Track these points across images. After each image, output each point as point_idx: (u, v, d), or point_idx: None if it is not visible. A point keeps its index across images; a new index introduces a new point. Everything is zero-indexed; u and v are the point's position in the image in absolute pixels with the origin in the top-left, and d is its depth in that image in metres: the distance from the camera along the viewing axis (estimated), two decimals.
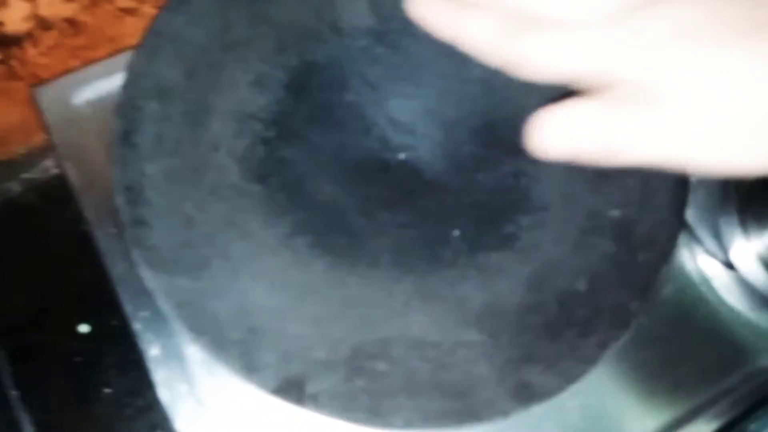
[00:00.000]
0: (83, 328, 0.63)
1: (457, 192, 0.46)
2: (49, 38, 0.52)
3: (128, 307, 0.43)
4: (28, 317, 0.62)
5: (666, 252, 0.42)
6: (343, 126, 0.46)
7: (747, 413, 0.48)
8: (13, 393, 0.60)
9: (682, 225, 0.43)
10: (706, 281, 0.51)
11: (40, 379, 0.61)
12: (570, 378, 0.40)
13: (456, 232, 0.44)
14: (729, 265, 0.50)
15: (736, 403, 0.48)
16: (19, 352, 0.61)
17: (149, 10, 0.53)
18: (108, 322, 0.62)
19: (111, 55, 0.51)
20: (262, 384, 0.37)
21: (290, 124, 0.45)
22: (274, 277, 0.41)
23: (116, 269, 0.44)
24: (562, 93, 0.42)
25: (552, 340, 0.41)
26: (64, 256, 0.63)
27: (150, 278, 0.38)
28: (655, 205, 0.44)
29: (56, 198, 0.66)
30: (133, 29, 0.51)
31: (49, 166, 0.65)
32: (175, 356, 0.43)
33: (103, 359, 0.62)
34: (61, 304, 0.63)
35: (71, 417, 0.61)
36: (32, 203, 0.67)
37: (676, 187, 0.44)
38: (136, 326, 0.43)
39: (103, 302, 0.52)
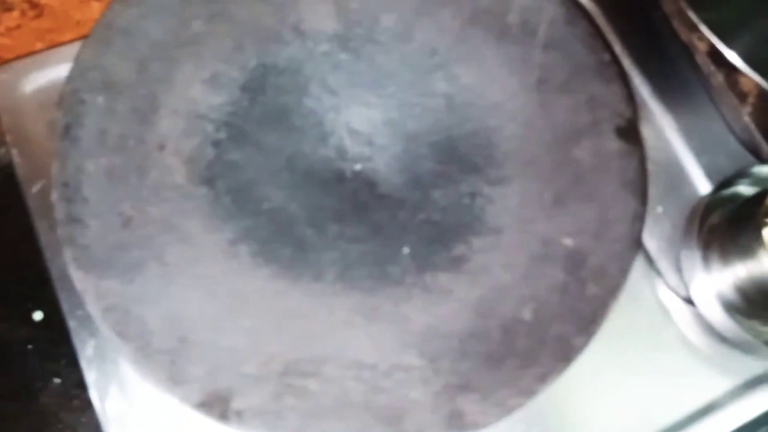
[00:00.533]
0: (37, 316, 0.62)
1: (411, 208, 0.44)
2: (10, 19, 0.50)
3: (64, 305, 0.43)
4: None
5: (616, 286, 0.41)
6: (298, 132, 0.45)
7: None
8: None
9: (634, 259, 0.42)
10: (665, 314, 0.49)
11: None
12: (506, 409, 0.39)
13: (406, 250, 0.43)
14: (689, 301, 0.49)
15: None
16: None
17: None
18: (62, 312, 0.61)
19: (75, 40, 0.50)
20: (185, 398, 0.37)
21: (243, 127, 0.43)
22: (211, 285, 0.40)
23: (55, 266, 0.43)
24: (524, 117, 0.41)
25: (492, 369, 0.40)
26: (21, 242, 0.62)
27: (79, 279, 0.38)
28: (611, 236, 0.42)
29: (11, 184, 0.65)
30: (99, 13, 0.49)
31: (3, 153, 0.64)
32: (107, 357, 0.42)
33: (56, 349, 0.61)
34: (16, 291, 0.62)
35: (20, 406, 0.60)
36: None
37: (633, 219, 0.43)
38: (71, 324, 0.43)
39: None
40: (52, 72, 0.47)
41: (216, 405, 0.37)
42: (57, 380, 0.61)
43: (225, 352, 0.38)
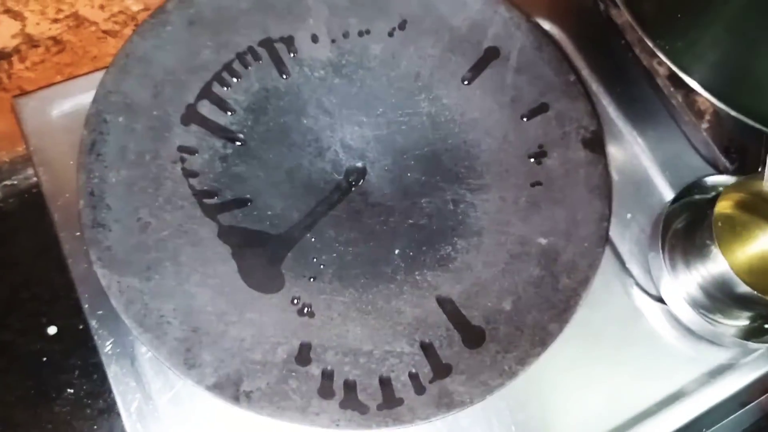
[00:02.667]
0: (51, 330, 0.65)
1: (400, 214, 0.49)
2: (35, 55, 0.56)
3: (86, 305, 0.46)
4: (0, 316, 0.65)
5: (587, 279, 0.46)
6: (298, 148, 0.49)
7: None
8: None
9: (602, 254, 0.46)
10: (636, 311, 0.53)
11: (6, 375, 0.64)
12: (489, 389, 0.43)
13: (396, 251, 0.48)
14: (658, 299, 0.53)
15: (659, 423, 0.50)
16: None
17: (130, 32, 0.57)
18: (75, 325, 0.65)
19: (92, 72, 0.55)
20: (199, 380, 0.40)
21: (248, 143, 0.48)
22: (219, 282, 0.44)
23: (77, 269, 0.47)
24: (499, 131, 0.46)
25: (475, 353, 0.44)
26: (39, 261, 0.66)
27: (104, 276, 0.42)
28: (580, 235, 0.47)
29: (35, 205, 0.69)
30: (114, 50, 0.54)
31: (30, 175, 0.68)
32: (126, 353, 0.46)
33: (68, 361, 0.65)
34: (32, 306, 0.66)
35: (34, 414, 0.63)
36: (12, 209, 0.70)
37: (599, 220, 0.47)
38: (92, 323, 0.46)
39: (71, 306, 0.55)
40: (75, 100, 0.52)
41: (227, 387, 0.41)
42: (70, 390, 0.64)
43: (233, 341, 0.42)
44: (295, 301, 0.45)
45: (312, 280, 0.46)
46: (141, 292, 0.42)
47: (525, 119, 0.51)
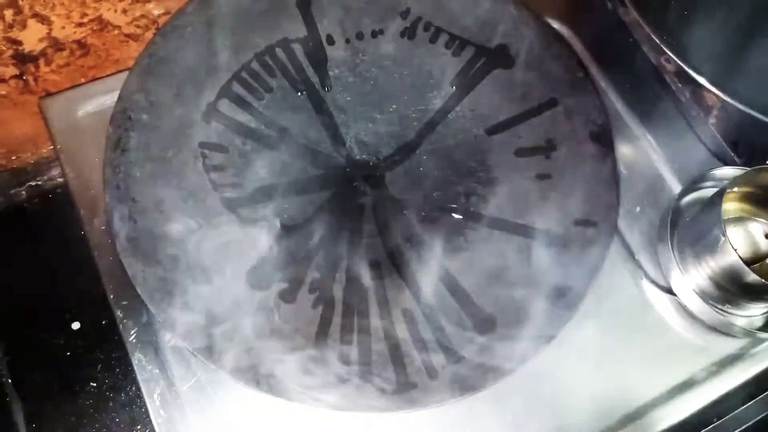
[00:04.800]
0: (75, 326, 0.68)
1: (413, 207, 0.50)
2: (60, 58, 0.58)
3: (111, 296, 0.48)
4: (25, 312, 0.67)
5: (596, 267, 0.47)
6: (314, 144, 0.51)
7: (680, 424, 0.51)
8: (7, 381, 0.65)
9: (610, 243, 0.48)
10: (646, 302, 0.54)
11: (33, 370, 0.66)
12: (500, 374, 0.44)
13: (408, 243, 0.49)
14: (667, 290, 0.54)
15: (669, 412, 0.51)
16: (14, 344, 0.66)
17: (152, 36, 0.59)
18: (99, 321, 0.67)
19: (114, 74, 0.57)
20: (221, 364, 0.42)
21: (266, 140, 0.50)
22: (241, 273, 0.46)
23: (103, 262, 0.49)
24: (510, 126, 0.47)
25: (487, 340, 0.45)
26: (62, 259, 0.68)
27: (129, 265, 0.43)
28: (590, 224, 0.48)
29: (59, 205, 0.71)
30: (136, 53, 0.56)
31: (54, 176, 0.70)
32: (150, 342, 0.48)
33: (92, 355, 0.67)
34: (57, 303, 0.68)
35: (59, 407, 0.65)
36: (37, 209, 0.72)
37: (607, 209, 0.48)
38: (118, 313, 0.48)
39: (95, 303, 0.57)
40: (99, 100, 0.54)
41: (247, 371, 0.42)
42: (92, 384, 0.66)
43: (253, 328, 0.44)
44: (313, 290, 0.46)
45: (330, 272, 0.47)
46: (165, 281, 0.44)
47: (534, 114, 0.52)
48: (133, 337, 0.48)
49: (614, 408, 0.51)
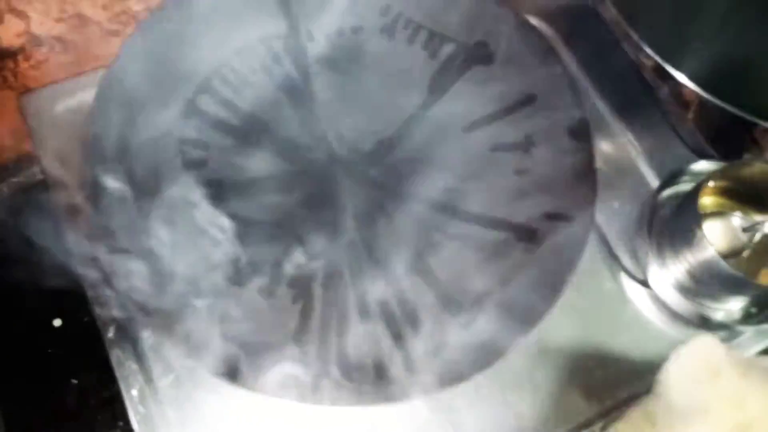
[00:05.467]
0: (57, 323, 0.67)
1: (394, 202, 0.51)
2: (39, 54, 0.58)
3: (90, 292, 0.48)
4: (7, 309, 0.67)
5: (573, 260, 0.47)
6: (294, 140, 0.51)
7: None
8: None
9: (588, 237, 0.48)
10: (623, 295, 0.55)
11: (14, 367, 0.65)
12: (478, 368, 0.44)
13: (389, 237, 0.49)
14: (645, 284, 0.54)
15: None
16: None
17: (131, 31, 0.59)
18: (81, 318, 0.67)
19: (94, 70, 0.57)
20: (201, 362, 0.42)
21: (246, 135, 0.50)
22: (222, 268, 0.46)
23: (80, 260, 0.49)
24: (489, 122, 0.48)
25: (466, 334, 0.45)
26: (44, 256, 0.67)
27: (108, 262, 0.43)
28: (567, 218, 0.49)
29: (41, 201, 0.71)
30: (116, 49, 0.56)
31: (36, 172, 0.70)
32: (129, 338, 0.48)
33: (73, 353, 0.67)
34: (37, 299, 0.67)
35: (40, 404, 0.65)
36: (19, 205, 0.72)
37: (585, 204, 0.49)
38: (96, 309, 0.48)
39: (76, 300, 0.57)
40: (79, 96, 0.54)
41: (227, 368, 0.42)
42: (74, 381, 0.66)
43: (234, 324, 0.44)
44: (293, 285, 0.47)
45: (310, 267, 0.48)
46: (144, 277, 0.44)
47: (513, 111, 0.52)
48: (111, 333, 0.48)
49: (592, 401, 0.51)
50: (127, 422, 0.65)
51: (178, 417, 0.46)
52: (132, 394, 0.47)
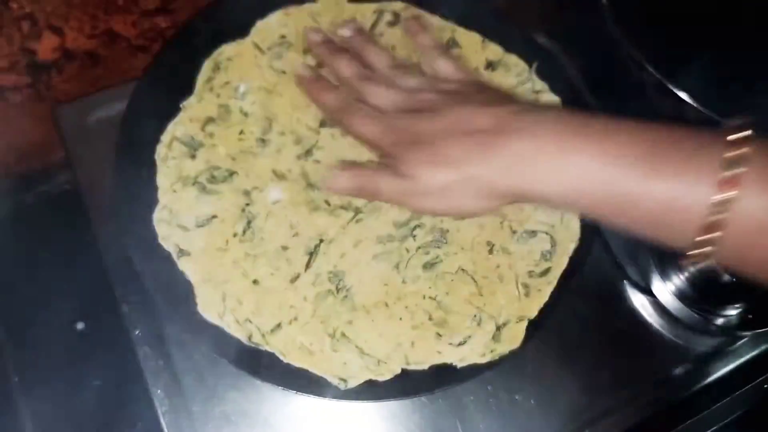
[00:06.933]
0: (80, 326, 0.70)
1: None
2: (72, 68, 0.61)
3: (118, 292, 0.51)
4: (33, 313, 0.69)
5: (577, 266, 0.50)
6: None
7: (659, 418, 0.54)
8: (15, 380, 0.67)
9: (590, 243, 0.50)
10: (626, 303, 0.57)
11: (39, 368, 0.68)
12: (481, 369, 0.47)
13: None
14: (647, 291, 0.57)
15: (648, 407, 0.54)
16: (22, 343, 0.68)
17: (158, 47, 0.62)
18: (103, 322, 0.69)
19: (122, 84, 0.59)
20: (224, 354, 0.45)
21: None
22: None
23: (111, 260, 0.51)
24: None
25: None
26: (68, 262, 0.70)
27: (138, 261, 0.46)
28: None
29: (66, 210, 0.74)
30: (143, 63, 0.59)
31: (61, 182, 0.73)
32: (155, 336, 0.50)
33: (96, 355, 0.69)
34: (63, 304, 0.70)
35: (64, 404, 0.67)
36: (44, 214, 0.74)
37: None
38: (124, 308, 0.50)
39: (100, 304, 0.59)
40: (109, 108, 0.56)
41: (250, 361, 0.45)
42: (97, 382, 0.68)
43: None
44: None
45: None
46: (170, 276, 0.46)
47: None
48: (138, 331, 0.50)
49: (595, 401, 0.53)
50: (146, 422, 0.67)
51: (201, 411, 0.48)
52: (158, 389, 0.49)
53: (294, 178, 0.50)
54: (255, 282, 0.47)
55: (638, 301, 0.57)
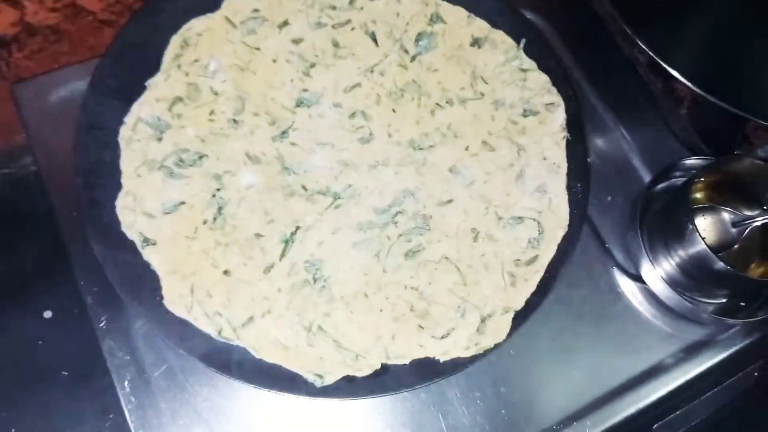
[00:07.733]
0: (47, 314, 0.67)
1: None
2: (34, 43, 0.57)
3: (81, 283, 0.48)
4: None
5: (565, 253, 0.47)
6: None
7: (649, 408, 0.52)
8: None
9: (581, 229, 0.48)
10: (616, 289, 0.55)
11: (2, 358, 0.65)
12: (470, 360, 0.45)
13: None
14: (637, 278, 0.55)
15: (638, 397, 0.52)
16: None
17: (125, 21, 0.58)
18: (70, 309, 0.66)
19: (88, 60, 0.56)
20: (191, 351, 0.42)
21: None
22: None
23: (75, 249, 0.49)
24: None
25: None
26: (35, 247, 0.67)
27: (100, 252, 0.43)
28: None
29: (32, 193, 0.70)
30: (110, 39, 0.55)
31: (27, 164, 0.69)
32: (120, 329, 0.47)
33: (64, 344, 0.66)
34: (28, 291, 0.67)
35: (30, 396, 0.64)
36: (9, 197, 0.71)
37: (579, 197, 0.49)
38: (88, 299, 0.48)
39: (66, 291, 0.56)
40: (72, 86, 0.53)
41: (218, 357, 0.42)
42: (65, 373, 0.66)
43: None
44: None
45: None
46: (135, 267, 0.43)
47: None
48: (103, 323, 0.48)
49: (585, 392, 0.51)
50: (117, 414, 0.64)
51: (169, 408, 0.46)
52: (124, 385, 0.47)
53: (268, 161, 0.48)
54: (226, 272, 0.45)
55: (628, 288, 0.55)
